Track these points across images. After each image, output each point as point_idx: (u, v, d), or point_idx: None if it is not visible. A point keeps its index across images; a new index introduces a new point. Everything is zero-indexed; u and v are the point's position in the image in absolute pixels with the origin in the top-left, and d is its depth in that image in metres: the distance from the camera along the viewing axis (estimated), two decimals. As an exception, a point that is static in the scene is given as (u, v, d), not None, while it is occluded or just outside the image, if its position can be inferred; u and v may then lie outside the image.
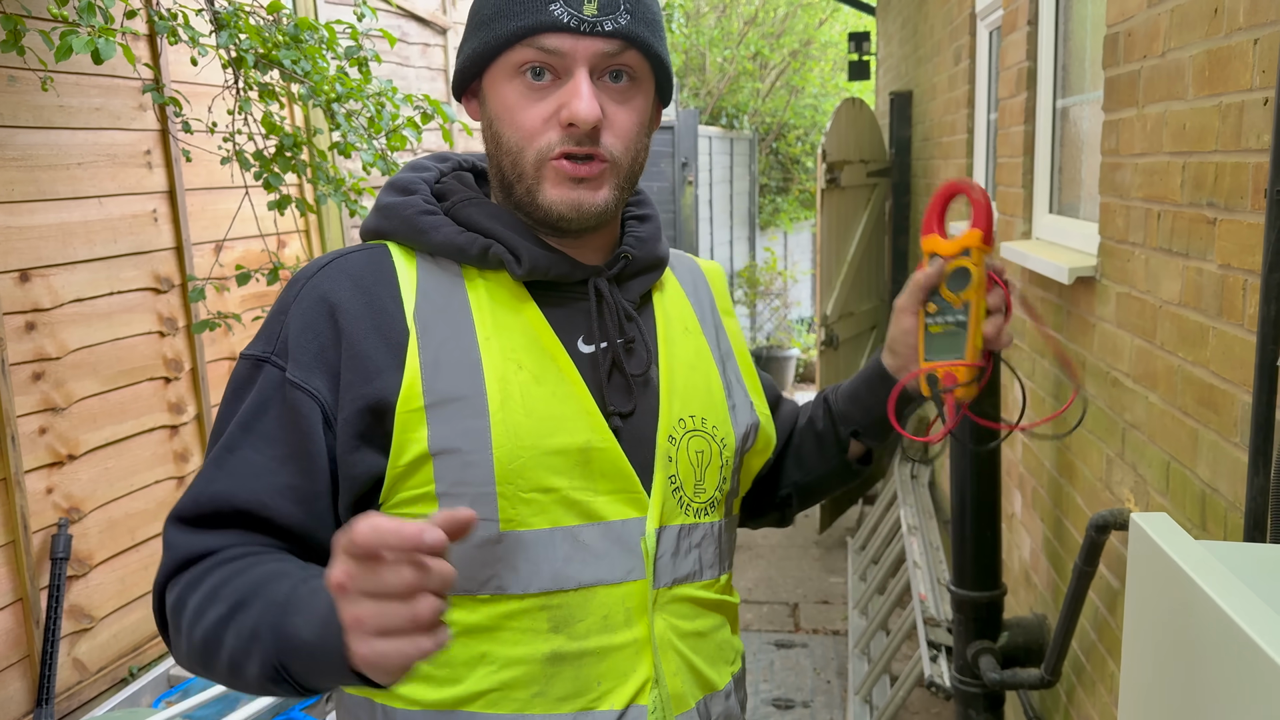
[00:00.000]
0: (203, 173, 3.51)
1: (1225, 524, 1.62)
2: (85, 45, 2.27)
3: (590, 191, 0.99)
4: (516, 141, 0.99)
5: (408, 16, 4.93)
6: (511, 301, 1.02)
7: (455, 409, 0.95)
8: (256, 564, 0.91)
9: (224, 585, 0.89)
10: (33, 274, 2.89)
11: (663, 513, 1.03)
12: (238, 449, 0.95)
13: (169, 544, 0.96)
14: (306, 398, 0.95)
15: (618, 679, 0.99)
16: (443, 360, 0.97)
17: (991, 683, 2.51)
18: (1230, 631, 0.86)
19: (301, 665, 0.82)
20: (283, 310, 0.99)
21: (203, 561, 0.94)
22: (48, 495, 2.93)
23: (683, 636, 1.05)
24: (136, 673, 3.23)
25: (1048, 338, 1.16)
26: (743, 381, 1.18)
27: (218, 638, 0.87)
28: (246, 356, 1.00)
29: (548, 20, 0.94)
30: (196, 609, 0.90)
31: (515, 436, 0.96)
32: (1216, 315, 1.65)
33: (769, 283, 9.62)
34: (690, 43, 11.16)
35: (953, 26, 4.36)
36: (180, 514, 0.96)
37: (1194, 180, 1.75)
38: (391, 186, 1.07)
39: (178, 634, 0.93)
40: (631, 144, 1.01)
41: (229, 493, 0.94)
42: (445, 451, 0.95)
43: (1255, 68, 1.52)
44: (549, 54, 0.96)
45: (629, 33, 0.97)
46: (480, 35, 0.99)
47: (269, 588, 0.87)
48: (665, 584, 1.03)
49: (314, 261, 1.03)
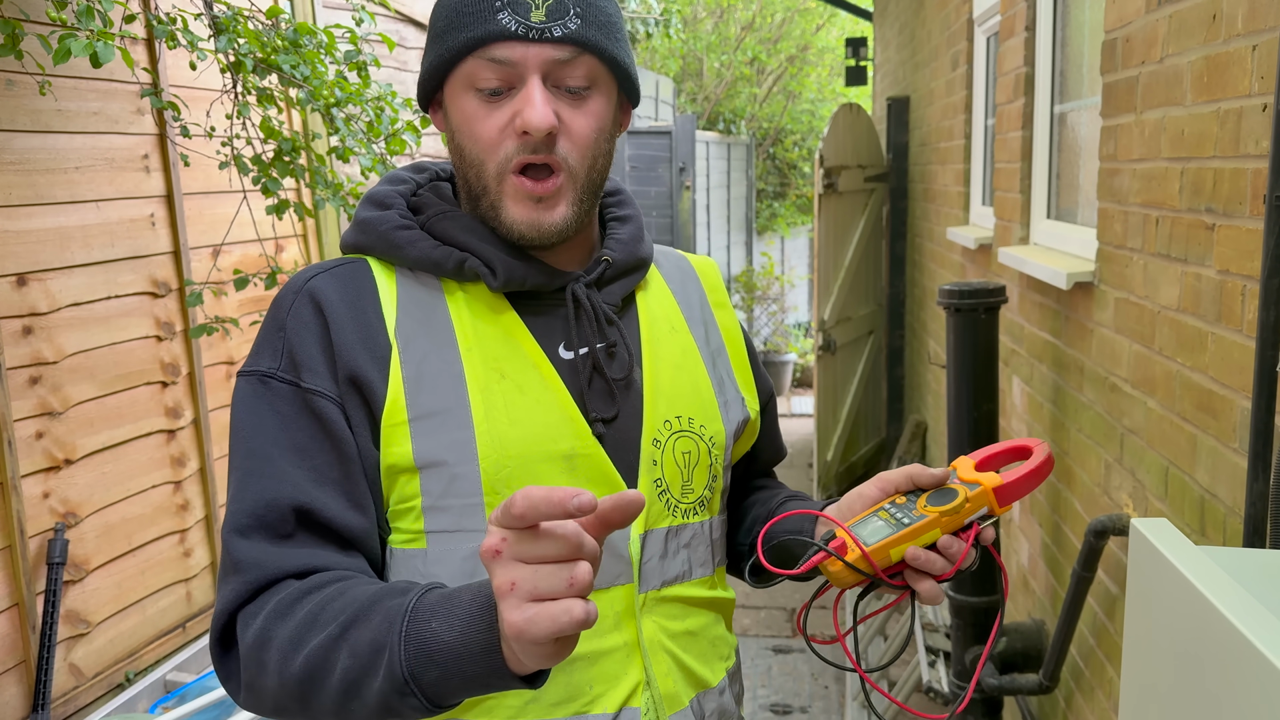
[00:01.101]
0: (200, 177, 3.51)
1: (1225, 529, 1.62)
2: (84, 49, 2.27)
3: (547, 210, 0.99)
4: (477, 154, 0.99)
5: (406, 21, 4.93)
6: (491, 312, 1.02)
7: (439, 421, 0.96)
8: (355, 585, 0.88)
9: (324, 610, 0.86)
10: (30, 278, 2.88)
11: (648, 517, 1.03)
12: (272, 460, 0.94)
13: (239, 563, 0.91)
14: (329, 404, 0.95)
15: (609, 682, 0.99)
16: (425, 374, 0.97)
17: (990, 688, 2.51)
18: (1231, 637, 0.86)
19: (439, 672, 0.78)
20: (279, 326, 0.99)
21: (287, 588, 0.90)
22: (44, 500, 2.92)
23: (673, 637, 1.05)
24: (133, 678, 3.21)
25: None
26: (734, 376, 1.17)
27: (328, 661, 0.83)
28: (249, 373, 0.99)
29: (496, 30, 0.94)
30: (293, 639, 0.86)
31: (501, 447, 0.96)
32: (1215, 321, 1.65)
33: (766, 287, 9.63)
34: (688, 48, 11.17)
35: (950, 32, 4.36)
36: (238, 527, 0.92)
37: (1192, 186, 1.75)
38: (369, 200, 1.08)
39: (263, 671, 0.87)
40: (589, 151, 1.00)
41: (286, 495, 0.92)
42: (431, 464, 0.95)
43: (1254, 73, 1.53)
44: (500, 64, 0.96)
45: (579, 37, 0.96)
46: (435, 49, 1.00)
47: (384, 602, 0.83)
48: (653, 587, 1.03)
49: (297, 277, 1.03)
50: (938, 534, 0.92)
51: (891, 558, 0.92)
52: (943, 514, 0.92)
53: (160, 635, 3.37)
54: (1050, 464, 0.96)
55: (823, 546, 0.92)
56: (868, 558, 0.91)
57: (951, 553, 0.92)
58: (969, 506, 0.93)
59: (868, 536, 0.92)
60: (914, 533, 0.92)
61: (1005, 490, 0.94)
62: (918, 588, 0.93)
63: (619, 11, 1.04)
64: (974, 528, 0.93)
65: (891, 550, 0.92)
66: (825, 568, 0.93)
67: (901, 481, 0.97)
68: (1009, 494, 0.94)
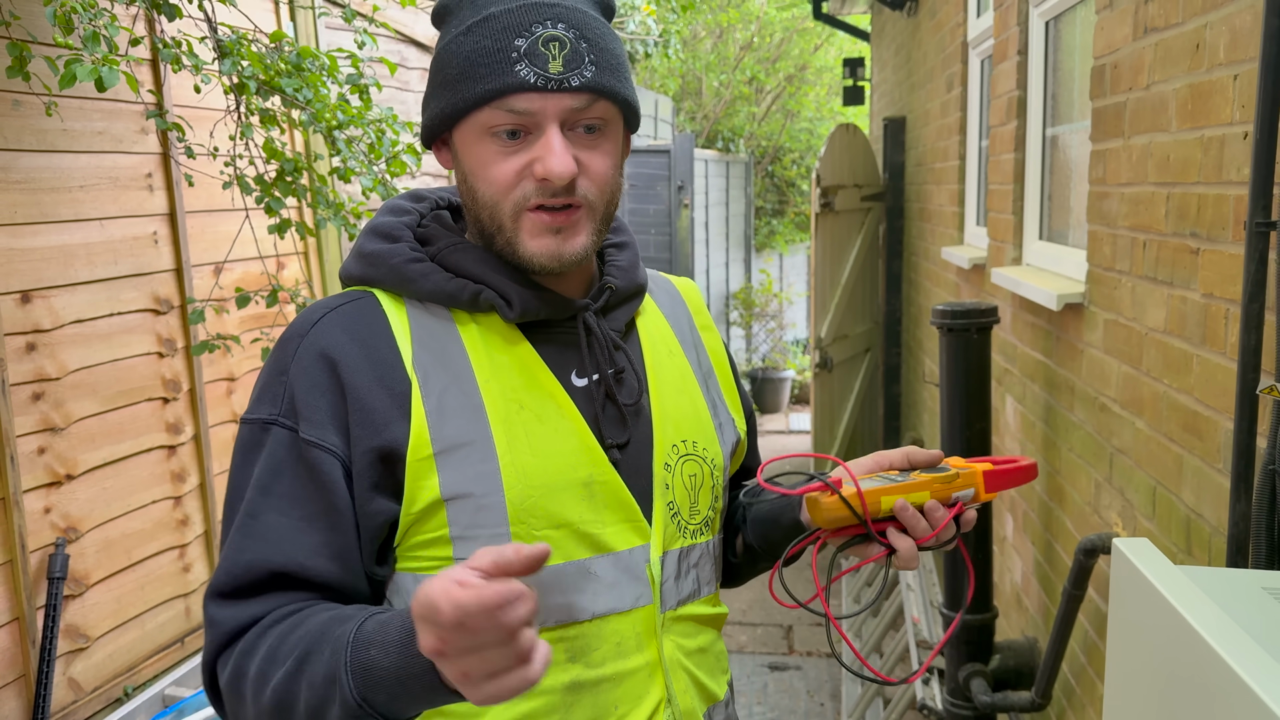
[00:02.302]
0: (203, 195, 3.54)
1: (1210, 549, 1.65)
2: (89, 74, 2.30)
3: (568, 239, 1.01)
4: (491, 196, 1.00)
5: (407, 42, 4.98)
6: (505, 343, 1.03)
7: (464, 454, 0.97)
8: (309, 616, 0.92)
9: (282, 644, 0.90)
10: (34, 295, 2.91)
11: (664, 539, 1.06)
12: (261, 514, 0.96)
13: (212, 620, 0.96)
14: (326, 455, 0.96)
15: (633, 702, 1.02)
16: (447, 406, 0.98)
17: (983, 705, 2.53)
18: (1208, 656, 0.88)
19: (387, 694, 0.83)
20: (281, 371, 0.99)
21: (251, 630, 0.94)
22: (45, 515, 2.94)
23: (688, 654, 1.08)
24: (131, 692, 3.23)
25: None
26: (724, 398, 1.20)
27: (291, 693, 0.88)
28: (251, 421, 1.00)
29: (514, 82, 0.95)
30: (259, 674, 0.91)
31: (525, 477, 0.98)
32: (1200, 343, 1.68)
33: (764, 304, 9.67)
34: (687, 67, 11.24)
35: (945, 54, 4.41)
36: (218, 589, 0.96)
37: (1178, 211, 1.78)
38: (374, 233, 1.07)
39: (242, 703, 0.93)
40: (606, 186, 1.03)
41: (264, 559, 0.94)
42: (458, 497, 0.96)
43: (1235, 102, 1.56)
44: (519, 114, 0.96)
45: (596, 85, 0.98)
46: (447, 95, 1.00)
47: (330, 634, 0.88)
48: (671, 607, 1.06)
49: (303, 318, 1.03)
50: (926, 497, 0.98)
51: (881, 506, 0.97)
52: (935, 479, 0.98)
53: (159, 650, 3.39)
54: (1034, 471, 1.03)
55: (821, 477, 0.99)
56: (860, 495, 0.96)
57: (935, 517, 0.98)
58: (960, 480, 0.99)
59: (863, 483, 0.98)
60: (905, 488, 0.98)
61: (993, 477, 1.00)
62: (897, 545, 0.98)
63: (623, 48, 1.07)
64: (959, 505, 0.99)
65: (883, 498, 0.97)
66: (817, 502, 0.98)
67: (898, 459, 1.02)
68: (996, 481, 1.01)
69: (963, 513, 1.00)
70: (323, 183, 3.21)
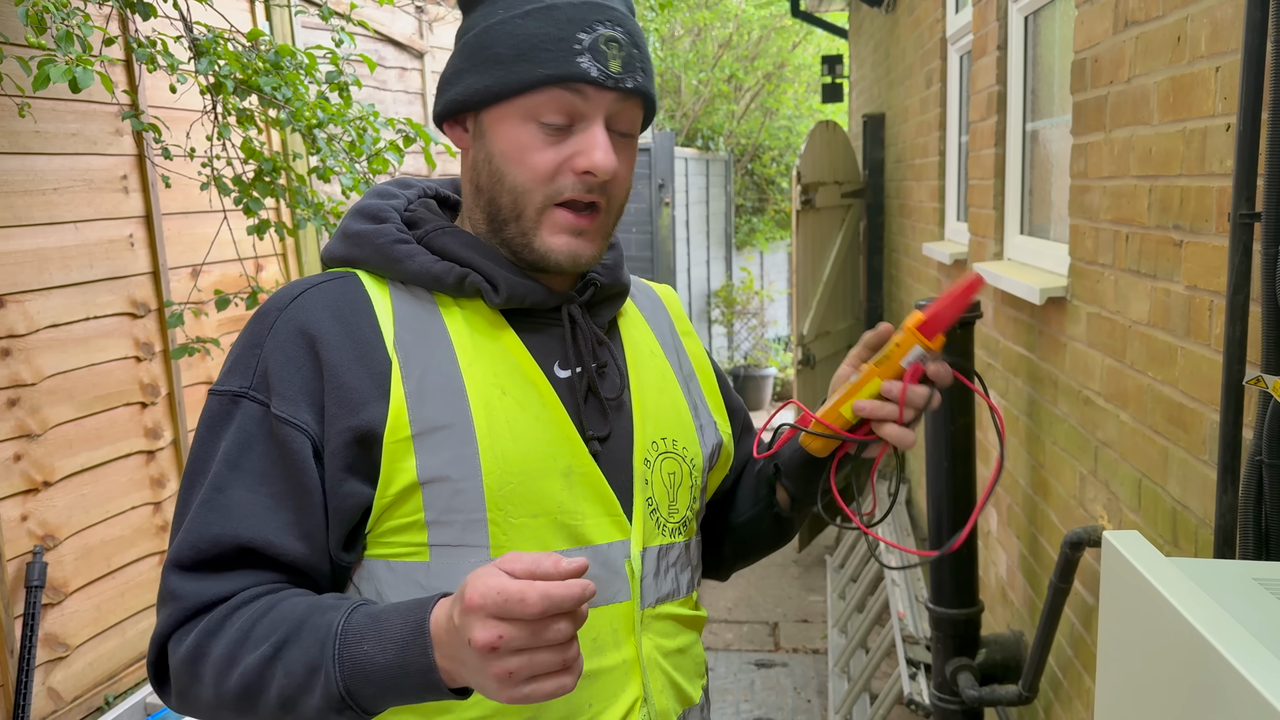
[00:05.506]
0: (180, 197, 3.51)
1: (1196, 540, 1.65)
2: (63, 74, 2.27)
3: (588, 243, 1.02)
4: (524, 182, 0.99)
5: (385, 41, 4.95)
6: (489, 328, 1.03)
7: (443, 437, 0.95)
8: (282, 601, 0.90)
9: (254, 628, 0.89)
10: (8, 300, 2.87)
11: (644, 535, 1.05)
12: (228, 488, 0.93)
13: (173, 593, 0.93)
14: (296, 432, 0.94)
15: (608, 700, 1.01)
16: (427, 388, 0.96)
17: (970, 700, 2.53)
18: (1200, 647, 0.88)
19: (375, 689, 0.84)
20: (256, 344, 0.97)
21: (217, 608, 0.92)
22: (23, 522, 2.90)
23: (666, 655, 1.07)
24: (112, 701, 3.19)
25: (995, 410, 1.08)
26: (706, 402, 1.20)
27: (263, 678, 0.87)
28: (220, 392, 0.98)
29: (577, 72, 0.96)
30: (225, 656, 0.88)
31: (504, 463, 0.97)
32: (1184, 335, 1.69)
33: (746, 302, 9.67)
34: (666, 65, 11.23)
35: (924, 50, 4.42)
36: (180, 561, 0.93)
37: (1160, 203, 1.79)
38: (361, 214, 1.07)
39: (197, 683, 0.90)
40: (625, 191, 1.04)
41: (231, 533, 0.92)
42: (434, 480, 0.95)
43: (1217, 94, 1.57)
44: (571, 104, 0.97)
45: (644, 89, 1.00)
46: (495, 73, 0.98)
47: (311, 622, 0.87)
48: (650, 604, 1.05)
49: (283, 292, 1.01)
50: (878, 384, 1.00)
51: (844, 415, 1.03)
52: (875, 364, 1.01)
53: (140, 658, 3.35)
54: (976, 285, 0.97)
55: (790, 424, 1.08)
56: (821, 420, 1.03)
57: (893, 395, 1.00)
58: (897, 350, 0.99)
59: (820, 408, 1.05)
60: (854, 389, 1.02)
61: (928, 324, 0.98)
62: (883, 433, 1.01)
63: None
64: (916, 367, 0.99)
65: (841, 408, 1.03)
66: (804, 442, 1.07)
67: (861, 351, 1.05)
68: (933, 326, 0.98)
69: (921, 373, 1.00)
70: (302, 182, 3.18)
